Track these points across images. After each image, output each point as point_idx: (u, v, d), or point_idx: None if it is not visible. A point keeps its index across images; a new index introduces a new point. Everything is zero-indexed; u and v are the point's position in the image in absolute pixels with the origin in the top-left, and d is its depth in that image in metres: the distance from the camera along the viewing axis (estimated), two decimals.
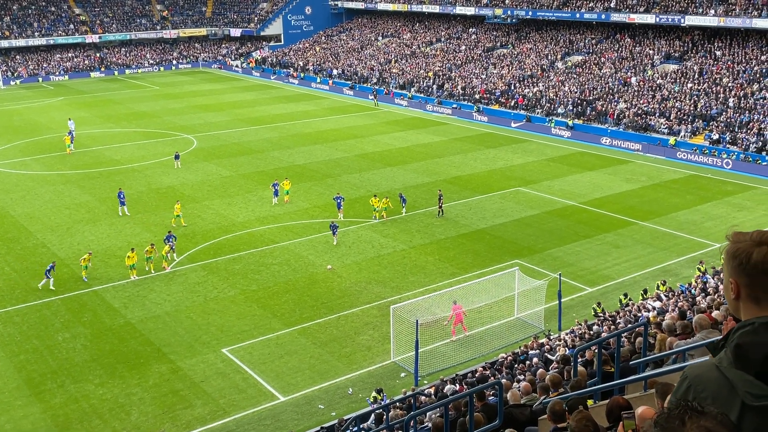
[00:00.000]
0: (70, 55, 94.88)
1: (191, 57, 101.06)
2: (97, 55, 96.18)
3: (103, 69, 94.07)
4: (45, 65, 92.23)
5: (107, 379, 23.57)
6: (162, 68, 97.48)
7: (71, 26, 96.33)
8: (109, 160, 51.05)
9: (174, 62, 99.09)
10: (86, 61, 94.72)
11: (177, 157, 48.93)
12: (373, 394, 21.72)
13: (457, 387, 19.31)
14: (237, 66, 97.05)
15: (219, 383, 23.28)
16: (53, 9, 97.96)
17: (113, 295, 29.60)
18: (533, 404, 9.67)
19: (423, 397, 18.48)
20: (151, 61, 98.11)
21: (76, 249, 34.45)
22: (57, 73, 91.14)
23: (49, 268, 30.28)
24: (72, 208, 40.53)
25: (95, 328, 26.99)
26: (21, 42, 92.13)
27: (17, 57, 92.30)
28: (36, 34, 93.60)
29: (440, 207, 38.40)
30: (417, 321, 23.42)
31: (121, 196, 39.43)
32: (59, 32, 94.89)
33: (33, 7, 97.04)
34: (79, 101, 75.15)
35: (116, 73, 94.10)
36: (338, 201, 38.29)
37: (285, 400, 22.50)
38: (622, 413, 5.31)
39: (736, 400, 2.19)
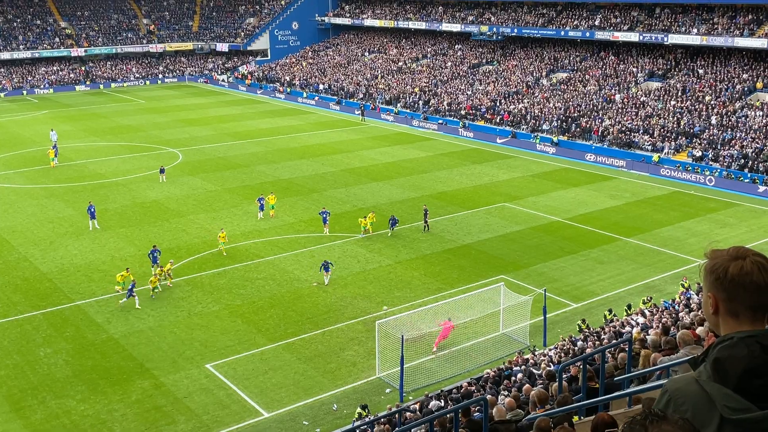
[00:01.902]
0: (55, 68, 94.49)
1: (177, 71, 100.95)
2: (83, 68, 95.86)
3: (88, 82, 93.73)
4: (30, 78, 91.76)
5: (89, 394, 23.30)
6: (148, 82, 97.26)
7: (57, 39, 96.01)
8: (94, 173, 50.76)
9: (160, 76, 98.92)
10: (71, 75, 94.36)
11: (162, 171, 48.75)
12: (358, 410, 21.60)
13: (442, 403, 19.25)
14: (223, 80, 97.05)
15: (202, 399, 23.08)
16: (39, 22, 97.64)
17: (96, 310, 29.33)
18: (518, 420, 9.66)
19: (408, 414, 18.40)
20: (136, 75, 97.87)
21: (58, 263, 34.15)
22: (42, 87, 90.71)
23: (131, 287, 29.82)
24: (55, 222, 40.22)
25: (77, 343, 26.71)
26: (6, 55, 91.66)
27: (1, 70, 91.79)
28: (21, 47, 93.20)
29: (426, 222, 38.47)
30: (402, 336, 23.36)
31: (92, 209, 39.09)
32: (45, 45, 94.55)
33: (18, 20, 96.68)
34: (64, 115, 74.77)
35: (101, 86, 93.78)
36: (324, 216, 38.22)
37: (269, 416, 22.33)
38: (606, 430, 5.31)
39: (715, 413, 2.23)
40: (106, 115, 74.49)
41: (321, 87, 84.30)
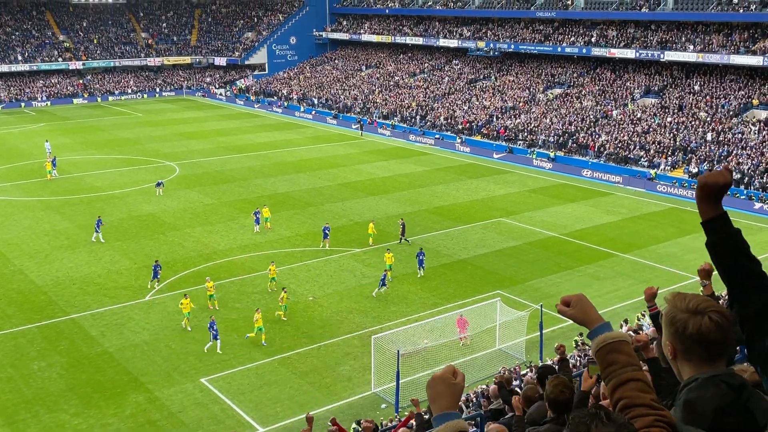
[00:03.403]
0: (53, 81, 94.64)
1: (175, 84, 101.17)
2: (80, 81, 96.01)
3: (86, 95, 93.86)
4: (27, 90, 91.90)
5: (83, 408, 23.15)
6: (145, 95, 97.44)
7: (55, 52, 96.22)
8: (90, 186, 50.72)
9: (157, 89, 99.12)
10: (69, 88, 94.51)
11: (159, 184, 48.72)
12: (353, 425, 21.48)
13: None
14: (221, 94, 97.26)
15: (197, 413, 22.94)
16: (37, 35, 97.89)
17: (91, 323, 29.21)
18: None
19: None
20: (134, 88, 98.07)
21: (54, 276, 34.04)
22: (39, 99, 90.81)
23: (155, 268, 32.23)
24: (51, 235, 40.14)
25: (72, 356, 26.57)
26: (4, 68, 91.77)
27: None
28: (19, 59, 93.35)
29: (402, 235, 38.56)
30: (398, 351, 23.29)
31: (99, 223, 39.08)
32: (43, 58, 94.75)
33: (17, 33, 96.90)
34: (61, 127, 74.81)
35: (99, 99, 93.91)
36: (325, 230, 38.07)
37: (264, 431, 22.20)
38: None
39: None
40: (104, 128, 74.56)
41: (318, 101, 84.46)
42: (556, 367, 10.72)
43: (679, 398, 2.46)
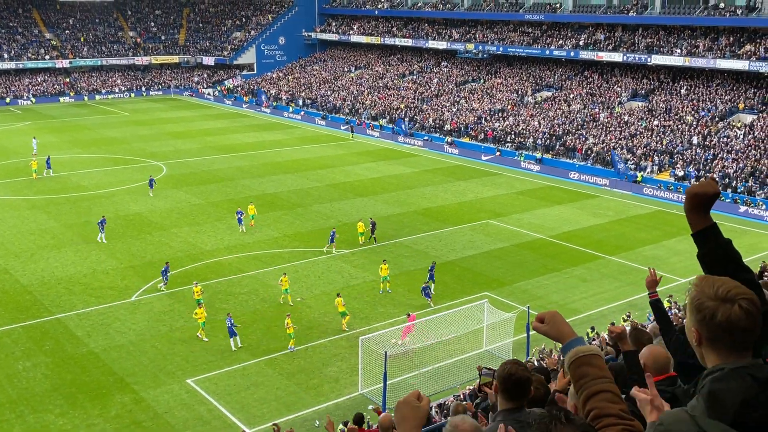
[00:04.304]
0: (39, 79, 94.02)
1: (163, 84, 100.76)
2: (67, 80, 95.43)
3: (72, 94, 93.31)
4: (13, 89, 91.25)
5: (68, 409, 23.01)
6: (133, 94, 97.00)
7: (41, 50, 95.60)
8: (77, 185, 50.43)
9: (144, 89, 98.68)
10: (55, 86, 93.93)
11: (151, 184, 48.26)
12: (340, 426, 21.45)
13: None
14: (209, 94, 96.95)
15: (183, 414, 22.85)
16: (24, 33, 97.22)
17: (76, 323, 29.03)
18: None
19: None
20: (121, 87, 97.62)
21: (39, 275, 33.83)
22: (25, 97, 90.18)
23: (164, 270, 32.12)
24: (37, 234, 39.87)
25: (57, 356, 26.40)
26: None
27: None
28: (5, 57, 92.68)
29: (372, 234, 38.60)
30: (386, 353, 23.29)
31: (103, 222, 38.78)
32: (29, 56, 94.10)
33: (3, 30, 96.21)
34: (48, 126, 74.34)
35: (86, 98, 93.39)
36: (332, 234, 37.47)
37: None
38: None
39: None
40: (90, 127, 74.15)
41: (305, 102, 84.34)
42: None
43: (702, 387, 2.39)
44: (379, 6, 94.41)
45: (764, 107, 55.97)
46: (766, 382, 2.32)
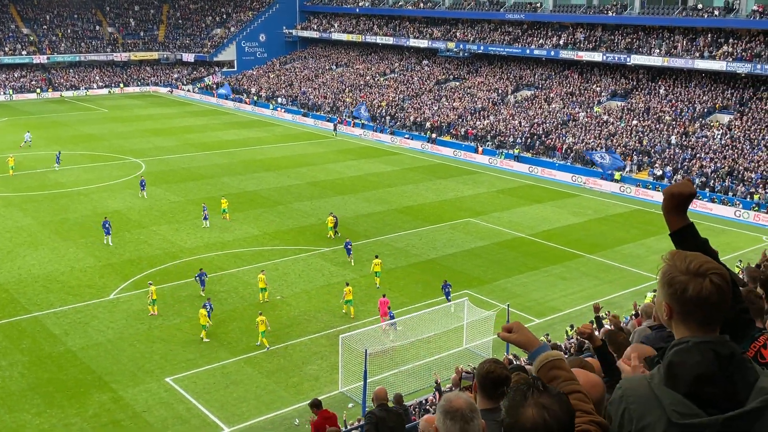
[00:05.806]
0: (16, 74, 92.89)
1: (142, 80, 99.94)
2: (44, 75, 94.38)
3: (50, 90, 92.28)
4: None
5: (45, 408, 22.78)
6: (111, 91, 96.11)
7: (18, 45, 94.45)
8: (54, 183, 49.91)
9: (122, 84, 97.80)
10: (33, 82, 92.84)
11: (143, 186, 47.01)
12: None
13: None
14: (189, 90, 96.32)
15: (162, 413, 22.71)
16: (0, 28, 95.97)
17: (54, 322, 28.74)
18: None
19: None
20: (100, 84, 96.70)
21: (16, 273, 33.44)
22: (2, 93, 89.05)
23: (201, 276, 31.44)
24: (13, 232, 39.41)
25: (34, 355, 26.13)
26: None
27: None
28: None
29: (335, 230, 38.92)
30: (366, 351, 23.29)
31: (107, 225, 37.66)
32: (5, 51, 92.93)
33: None
34: (25, 122, 73.44)
35: (62, 94, 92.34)
36: (347, 246, 36.41)
37: (230, 430, 22.05)
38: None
39: (663, 416, 2.29)
40: (68, 123, 73.39)
41: (281, 99, 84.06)
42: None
43: (666, 357, 2.41)
44: (360, 4, 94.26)
45: (741, 107, 56.63)
46: (727, 357, 2.33)
